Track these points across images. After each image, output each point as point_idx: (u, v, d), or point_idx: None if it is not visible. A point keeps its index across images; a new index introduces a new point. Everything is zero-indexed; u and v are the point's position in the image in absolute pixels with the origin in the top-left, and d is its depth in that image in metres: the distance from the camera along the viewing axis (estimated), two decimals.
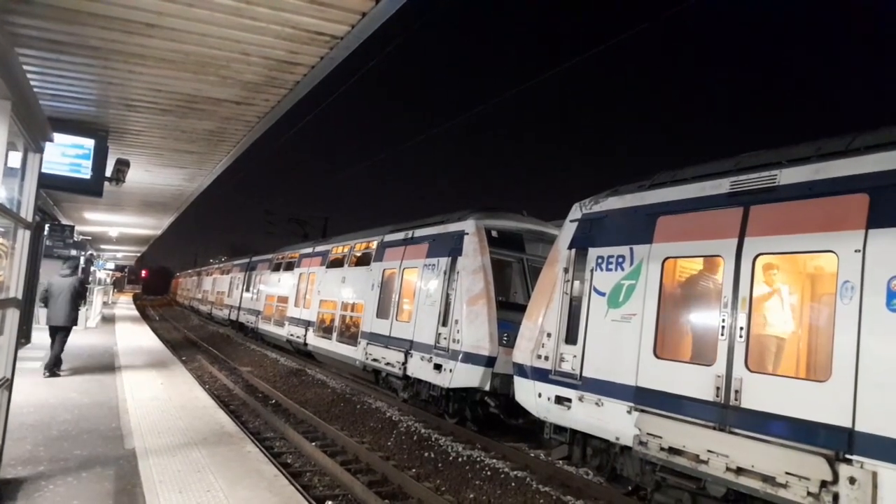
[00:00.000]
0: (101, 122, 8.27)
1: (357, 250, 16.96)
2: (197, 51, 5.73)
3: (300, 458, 9.71)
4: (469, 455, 9.79)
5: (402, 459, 9.73)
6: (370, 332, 14.38)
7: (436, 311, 11.86)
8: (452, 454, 9.87)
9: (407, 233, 13.99)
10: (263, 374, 18.22)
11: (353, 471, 8.85)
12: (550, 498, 8.06)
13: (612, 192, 8.35)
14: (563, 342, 8.38)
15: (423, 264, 12.69)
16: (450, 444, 10.47)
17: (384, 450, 10.27)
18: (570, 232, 8.73)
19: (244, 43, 5.47)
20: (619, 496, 8.01)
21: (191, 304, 52.10)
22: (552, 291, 8.72)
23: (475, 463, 9.42)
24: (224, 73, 6.25)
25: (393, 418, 12.19)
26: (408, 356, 12.56)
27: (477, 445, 10.44)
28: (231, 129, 8.41)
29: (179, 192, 13.96)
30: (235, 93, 6.88)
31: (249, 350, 24.03)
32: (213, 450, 7.14)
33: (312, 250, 20.68)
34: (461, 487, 8.51)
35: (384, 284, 14.36)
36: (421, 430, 11.31)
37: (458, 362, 10.91)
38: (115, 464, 6.33)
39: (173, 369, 13.82)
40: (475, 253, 11.28)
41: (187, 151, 9.88)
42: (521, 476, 8.83)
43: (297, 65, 5.87)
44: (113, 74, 6.48)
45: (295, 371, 18.47)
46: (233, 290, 32.56)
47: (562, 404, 8.21)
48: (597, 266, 8.07)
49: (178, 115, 7.88)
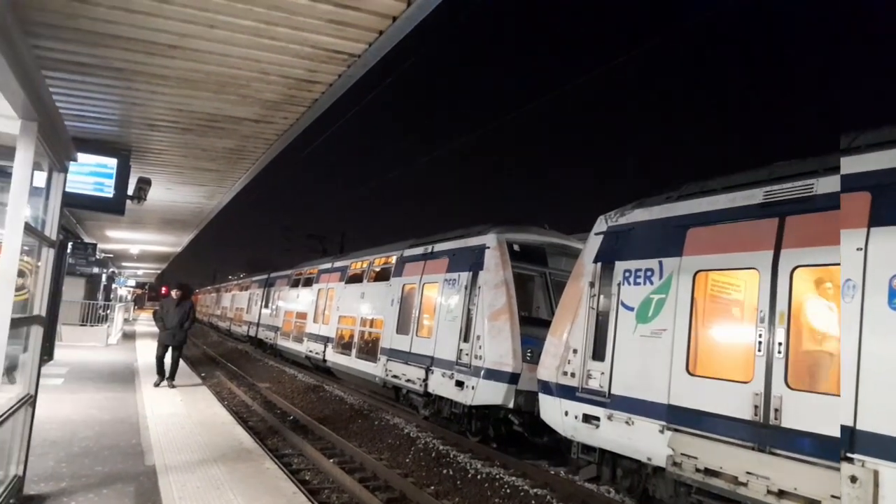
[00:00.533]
0: (124, 141, 8.43)
1: (376, 265, 16.78)
2: (218, 71, 5.83)
3: (318, 475, 9.67)
4: (488, 472, 9.66)
5: (420, 476, 9.65)
6: (390, 349, 14.14)
7: (457, 326, 11.64)
8: (471, 471, 9.76)
9: (426, 247, 13.80)
10: (282, 391, 18.25)
11: (372, 488, 8.79)
12: None
13: (638, 203, 8.14)
14: (590, 358, 8.13)
15: (444, 279, 12.48)
16: (468, 461, 10.36)
17: (402, 466, 10.20)
18: (596, 245, 8.51)
19: (264, 62, 5.55)
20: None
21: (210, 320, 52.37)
22: (577, 306, 8.47)
23: (494, 480, 9.30)
24: (244, 92, 6.35)
25: (411, 434, 12.11)
26: (428, 373, 12.31)
27: (496, 463, 10.32)
28: (250, 147, 8.53)
29: (199, 210, 14.15)
30: (255, 111, 6.98)
31: (268, 366, 24.11)
32: (232, 466, 7.15)
33: (331, 266, 20.55)
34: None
35: (404, 300, 14.13)
36: (439, 446, 11.21)
37: (480, 379, 10.66)
38: (135, 480, 6.36)
39: (193, 386, 13.90)
40: (497, 267, 11.06)
41: (207, 169, 10.02)
42: (541, 494, 8.69)
43: (316, 83, 5.95)
44: (136, 95, 6.62)
45: (313, 387, 18.47)
46: (251, 307, 32.54)
47: (590, 423, 7.92)
48: (624, 280, 7.85)
49: (198, 134, 8.01)
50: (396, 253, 15.30)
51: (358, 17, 4.59)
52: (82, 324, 21.89)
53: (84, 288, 23.46)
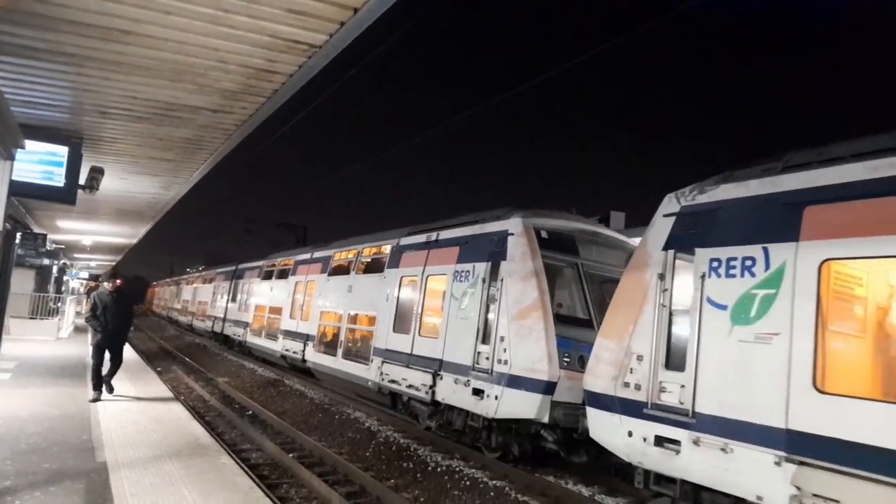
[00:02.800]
0: (75, 129, 8.18)
1: (366, 256, 15.20)
2: (174, 58, 5.71)
3: (277, 470, 9.58)
4: (448, 465, 9.71)
5: (380, 470, 9.65)
6: (385, 349, 12.53)
7: (472, 325, 10.08)
8: (432, 464, 9.80)
9: (430, 235, 12.25)
10: (241, 385, 17.99)
11: (331, 482, 8.74)
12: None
13: (724, 177, 6.83)
14: (663, 367, 6.73)
15: (454, 271, 10.93)
16: (429, 454, 10.39)
17: (363, 460, 10.18)
18: (665, 229, 7.14)
19: (222, 51, 5.46)
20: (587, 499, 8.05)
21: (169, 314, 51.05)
22: (641, 303, 7.09)
23: (454, 473, 9.36)
24: (201, 81, 6.23)
25: (372, 428, 12.09)
26: (436, 378, 10.69)
27: (456, 456, 10.38)
28: (208, 138, 8.37)
29: (155, 201, 13.83)
30: (213, 101, 6.86)
31: (227, 360, 23.73)
32: (188, 462, 7.02)
33: (311, 256, 18.81)
34: (440, 498, 8.45)
35: (402, 294, 12.63)
36: (400, 440, 11.22)
37: (505, 387, 9.12)
38: (85, 477, 6.19)
39: (148, 380, 13.59)
40: (524, 256, 9.57)
41: (163, 159, 9.80)
42: (500, 486, 8.77)
43: (275, 73, 5.88)
44: (88, 81, 6.43)
45: (273, 381, 18.25)
46: (216, 301, 30.87)
47: (665, 447, 6.51)
48: (711, 271, 6.42)
49: (154, 123, 7.83)
50: (391, 241, 13.80)
51: (318, 7, 4.56)
52: (32, 317, 21.16)
53: (34, 280, 22.68)
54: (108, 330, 10.47)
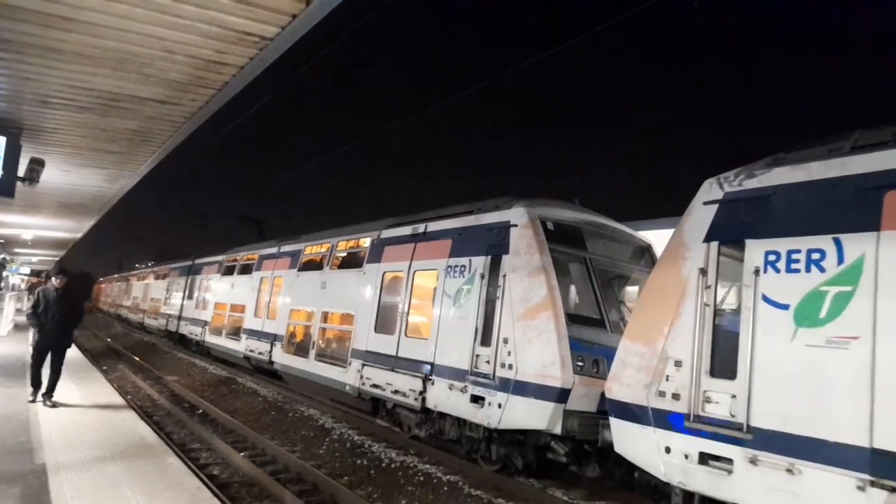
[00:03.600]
0: (14, 118, 7.85)
1: (341, 250, 14.24)
2: (117, 47, 5.54)
3: (228, 469, 9.40)
4: (402, 461, 9.73)
5: (334, 467, 9.58)
6: (366, 351, 11.69)
7: (469, 325, 9.28)
8: (386, 461, 9.79)
9: (416, 227, 11.41)
10: (191, 384, 17.57)
11: (283, 480, 8.64)
12: (482, 500, 8.10)
13: (776, 160, 6.17)
14: (707, 374, 6.00)
15: (446, 266, 10.14)
16: (383, 450, 10.38)
17: (316, 458, 10.08)
18: (706, 218, 6.44)
19: (168, 41, 5.33)
20: (548, 497, 8.17)
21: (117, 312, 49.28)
22: (679, 302, 6.36)
23: (408, 469, 9.38)
24: (147, 70, 6.07)
25: (326, 426, 11.99)
26: (427, 383, 9.90)
27: (411, 451, 10.40)
28: (156, 129, 8.15)
29: (101, 194, 13.38)
30: (160, 91, 6.69)
31: (177, 359, 23.14)
32: (132, 463, 6.84)
33: (278, 250, 17.74)
34: (393, 494, 8.46)
35: (384, 291, 11.80)
36: (354, 437, 11.17)
37: (510, 395, 8.34)
38: (22, 480, 5.96)
39: (92, 380, 13.16)
40: (530, 250, 8.75)
41: (108, 151, 9.50)
42: (454, 480, 8.83)
43: (225, 65, 5.77)
44: (27, 69, 6.19)
45: (224, 380, 17.90)
46: (171, 297, 29.44)
47: (711, 465, 5.81)
48: (767, 265, 5.73)
49: (98, 114, 7.58)
50: (371, 234, 12.91)
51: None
52: None
53: None
54: (47, 330, 9.82)
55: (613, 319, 8.81)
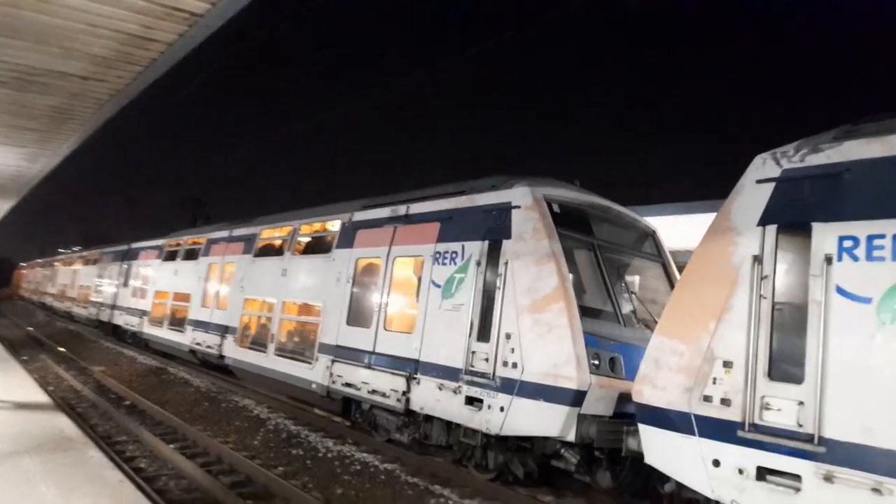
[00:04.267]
0: None
1: (305, 233, 13.09)
2: (36, 18, 5.22)
3: (156, 462, 9.11)
4: (340, 450, 9.70)
5: (268, 458, 9.43)
6: (337, 346, 10.75)
7: (463, 318, 8.41)
8: (322, 450, 9.74)
9: (397, 208, 10.44)
10: (118, 374, 16.90)
11: (215, 472, 8.45)
12: (419, 488, 8.16)
13: (847, 132, 5.48)
14: (766, 377, 5.34)
15: (434, 252, 9.21)
16: (320, 440, 10.32)
17: (250, 449, 9.90)
18: (760, 198, 5.72)
19: (91, 13, 5.06)
20: (482, 482, 8.29)
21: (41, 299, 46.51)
22: (728, 294, 5.66)
23: (345, 458, 9.36)
24: (69, 44, 5.76)
25: (261, 416, 11.80)
26: (411, 382, 9.02)
27: (348, 440, 10.36)
28: (79, 107, 7.76)
29: (19, 174, 12.64)
30: (83, 67, 6.36)
31: (103, 348, 22.20)
32: (49, 457, 6.53)
33: (229, 234, 16.41)
34: (329, 483, 8.41)
35: (358, 279, 10.84)
36: (290, 427, 11.04)
37: (514, 397, 7.50)
38: None
39: (9, 370, 12.49)
40: (537, 234, 7.89)
41: (27, 129, 8.99)
42: (391, 469, 8.88)
43: (153, 41, 5.53)
44: None
45: (154, 370, 17.32)
46: (104, 285, 27.48)
47: (773, 482, 5.18)
48: (842, 253, 5.07)
49: (14, 89, 7.15)
50: (341, 217, 11.89)
51: None
52: None
53: None
54: None
55: (625, 311, 8.11)
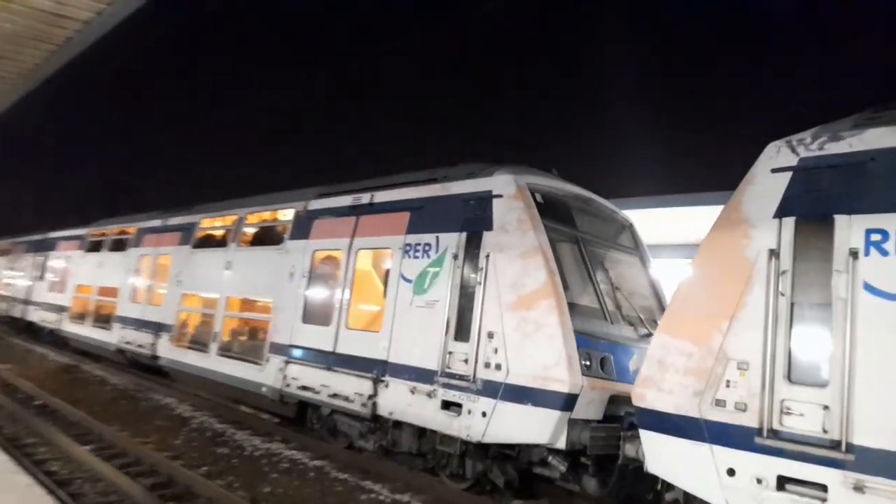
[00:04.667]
0: None
1: (252, 223, 12.35)
2: None
3: (69, 465, 8.64)
4: (267, 448, 9.56)
5: (192, 458, 9.13)
6: (291, 346, 10.11)
7: (438, 316, 7.91)
8: (249, 448, 9.58)
9: (359, 197, 9.82)
10: (28, 373, 15.86)
11: (134, 474, 8.11)
12: (349, 484, 8.13)
13: (869, 120, 5.25)
14: (786, 380, 5.05)
15: (404, 244, 8.68)
16: (246, 438, 10.13)
17: (172, 449, 9.54)
18: (776, 188, 5.42)
19: None
20: (414, 474, 8.32)
21: None
22: (742, 290, 5.35)
23: (273, 456, 9.22)
24: None
25: (184, 415, 11.42)
26: (378, 385, 8.44)
27: (276, 438, 10.18)
28: None
29: None
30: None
31: (10, 345, 20.84)
32: None
33: (163, 224, 15.33)
34: (257, 482, 8.23)
35: (315, 273, 10.19)
36: (215, 425, 10.76)
37: (498, 401, 7.05)
38: None
39: None
40: (522, 225, 7.46)
41: None
42: (320, 465, 8.83)
43: (67, 18, 5.15)
44: None
45: (67, 367, 16.42)
46: (16, 278, 25.61)
47: (794, 492, 4.90)
48: (869, 247, 4.83)
49: None
50: (294, 205, 11.16)
51: None
52: None
53: None
54: None
55: (611, 308, 7.88)
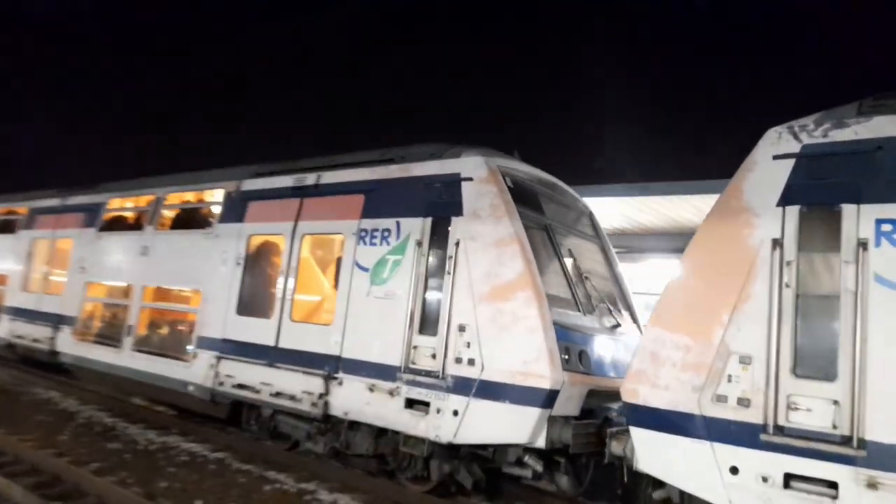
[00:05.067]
0: None
1: (173, 204, 11.41)
2: None
3: None
4: (164, 442, 9.27)
5: (79, 455, 8.60)
6: (223, 340, 9.34)
7: (400, 307, 7.46)
8: (143, 442, 9.22)
9: (303, 177, 9.17)
10: None
11: (12, 474, 7.53)
12: (252, 475, 8.00)
13: (874, 107, 5.12)
14: (792, 374, 4.94)
15: (358, 230, 8.15)
16: (140, 431, 9.76)
17: (57, 446, 8.95)
18: (779, 176, 5.30)
19: None
20: (321, 463, 8.29)
21: None
22: (745, 281, 5.21)
23: (170, 449, 8.93)
24: None
25: (69, 409, 10.77)
26: (330, 383, 7.89)
27: (173, 431, 9.81)
28: None
29: None
30: None
31: None
32: None
33: (62, 203, 13.88)
34: (152, 477, 7.88)
35: (252, 261, 9.49)
36: (104, 419, 10.29)
37: (471, 398, 6.66)
38: None
39: None
40: (496, 211, 7.04)
41: None
42: (222, 457, 8.68)
43: None
44: None
45: None
46: None
47: (802, 489, 4.79)
48: (880, 237, 4.71)
49: None
50: (225, 185, 10.35)
51: None
52: None
53: None
54: None
55: (582, 299, 7.68)
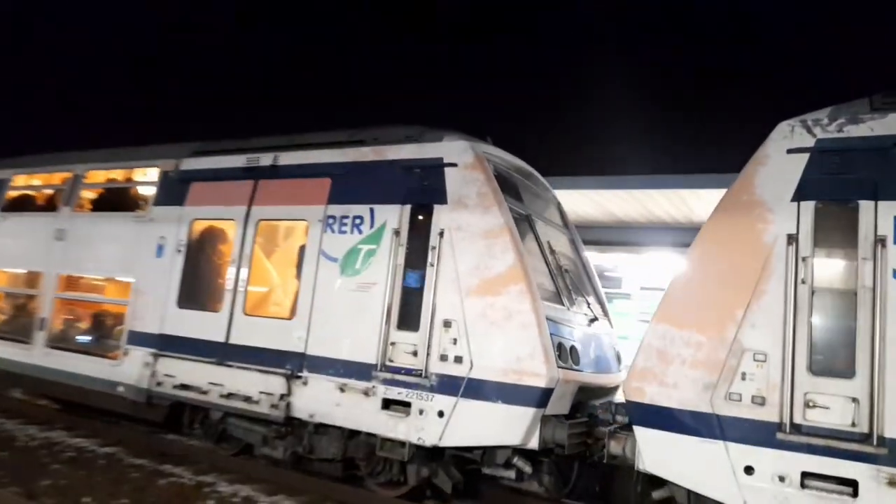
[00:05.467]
0: None
1: (95, 182, 10.47)
2: None
3: None
4: (46, 437, 8.91)
5: None
6: (161, 335, 8.55)
7: (375, 300, 7.00)
8: (23, 439, 8.83)
9: (257, 157, 8.52)
10: None
11: None
12: (145, 469, 7.80)
13: (888, 101, 5.15)
14: (808, 371, 4.88)
15: (325, 215, 7.63)
16: (18, 427, 9.28)
17: None
18: (793, 170, 5.24)
19: None
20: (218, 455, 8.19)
21: None
22: (759, 277, 5.12)
23: (54, 445, 8.58)
24: None
25: None
26: (293, 383, 7.33)
27: (57, 426, 9.35)
28: None
29: None
30: None
31: None
32: None
33: None
34: (33, 475, 7.49)
35: (195, 248, 8.75)
36: None
37: (459, 399, 6.33)
38: None
39: None
40: (484, 201, 6.72)
41: None
42: (112, 452, 8.47)
43: None
44: None
45: None
46: None
47: (821, 489, 4.69)
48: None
49: None
50: (160, 163, 9.48)
51: None
52: None
53: None
54: None
55: (564, 292, 7.53)
